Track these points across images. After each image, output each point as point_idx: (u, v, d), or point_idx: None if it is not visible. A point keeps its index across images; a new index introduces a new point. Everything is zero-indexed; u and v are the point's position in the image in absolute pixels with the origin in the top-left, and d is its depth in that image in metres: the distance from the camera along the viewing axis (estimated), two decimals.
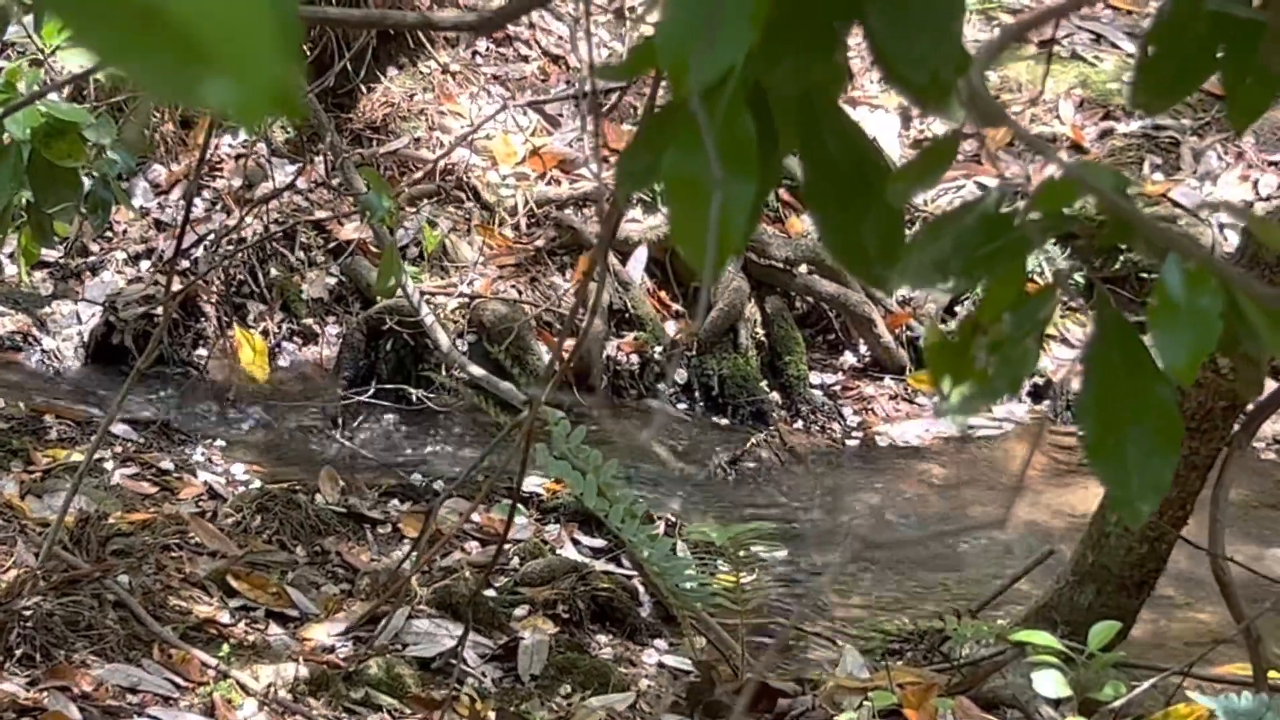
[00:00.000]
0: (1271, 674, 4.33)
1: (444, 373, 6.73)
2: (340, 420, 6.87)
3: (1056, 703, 3.99)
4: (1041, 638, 3.97)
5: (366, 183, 4.91)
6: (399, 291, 6.19)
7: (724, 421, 7.39)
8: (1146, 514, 1.70)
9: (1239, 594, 4.08)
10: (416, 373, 6.88)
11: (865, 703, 3.95)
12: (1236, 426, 4.21)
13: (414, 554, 4.96)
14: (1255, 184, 7.71)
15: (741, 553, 5.05)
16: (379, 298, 6.92)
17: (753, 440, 7.10)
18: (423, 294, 6.98)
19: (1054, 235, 1.73)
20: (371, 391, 6.65)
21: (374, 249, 7.13)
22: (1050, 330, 7.68)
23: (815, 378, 7.58)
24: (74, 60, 3.86)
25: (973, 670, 4.25)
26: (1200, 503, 4.38)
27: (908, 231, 1.85)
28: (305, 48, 6.61)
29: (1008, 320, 1.72)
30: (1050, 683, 3.84)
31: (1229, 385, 3.95)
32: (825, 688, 4.22)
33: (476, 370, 6.10)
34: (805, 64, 1.76)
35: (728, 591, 4.57)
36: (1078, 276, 7.65)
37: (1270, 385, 4.96)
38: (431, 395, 6.61)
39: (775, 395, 7.47)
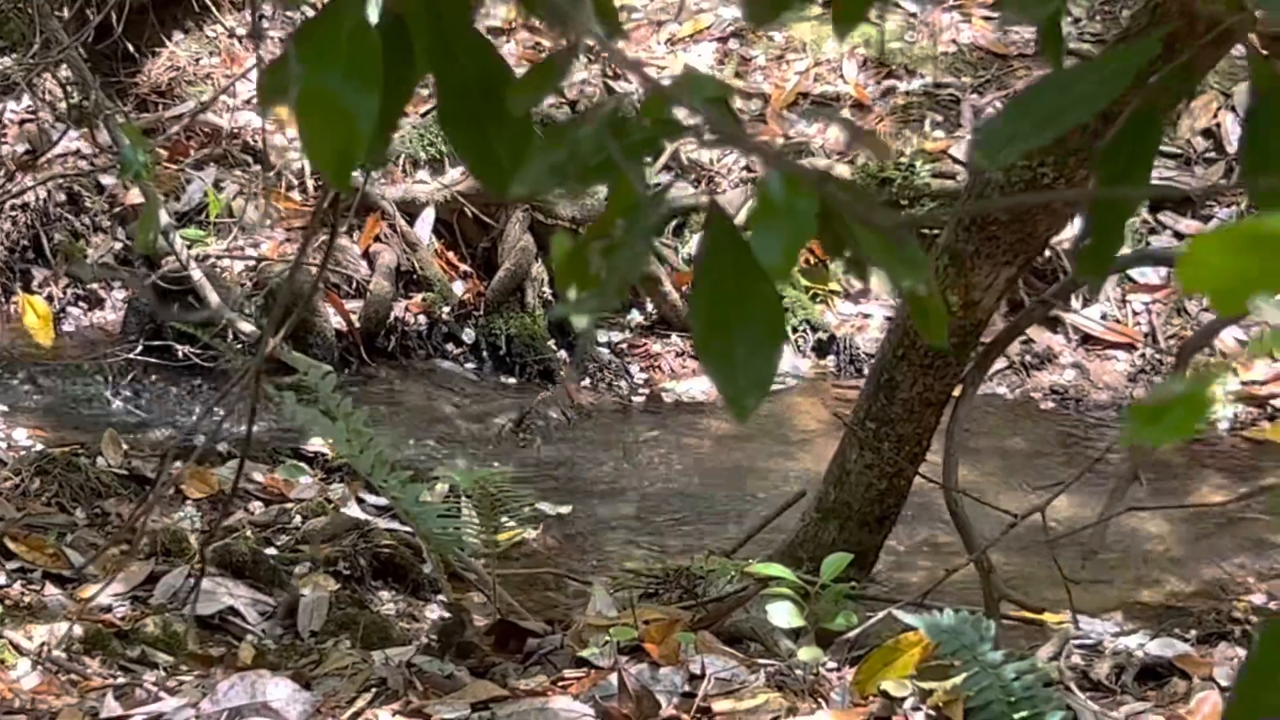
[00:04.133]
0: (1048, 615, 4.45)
1: (230, 334, 6.73)
2: (121, 383, 6.85)
3: (796, 634, 4.08)
4: (776, 571, 4.06)
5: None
6: (169, 251, 6.18)
7: (512, 381, 7.44)
8: (752, 407, 1.76)
9: (972, 527, 4.20)
10: (202, 335, 6.86)
11: (608, 639, 4.01)
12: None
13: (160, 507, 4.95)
14: None
15: (524, 508, 5.12)
16: (163, 262, 6.91)
17: (540, 398, 7.16)
18: (208, 257, 6.97)
19: (661, 144, 1.78)
20: (139, 350, 6.63)
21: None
22: (834, 285, 7.79)
23: (602, 336, 7.64)
24: None
25: (718, 606, 4.33)
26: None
27: None
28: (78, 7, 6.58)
29: (619, 226, 1.78)
30: (784, 614, 3.93)
31: (959, 323, 4.05)
32: (574, 627, 4.28)
33: (246, 327, 6.11)
34: None
35: (480, 536, 4.62)
36: None
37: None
38: (197, 352, 6.61)
39: (563, 354, 7.53)
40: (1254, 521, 6.20)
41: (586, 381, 7.48)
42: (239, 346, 6.48)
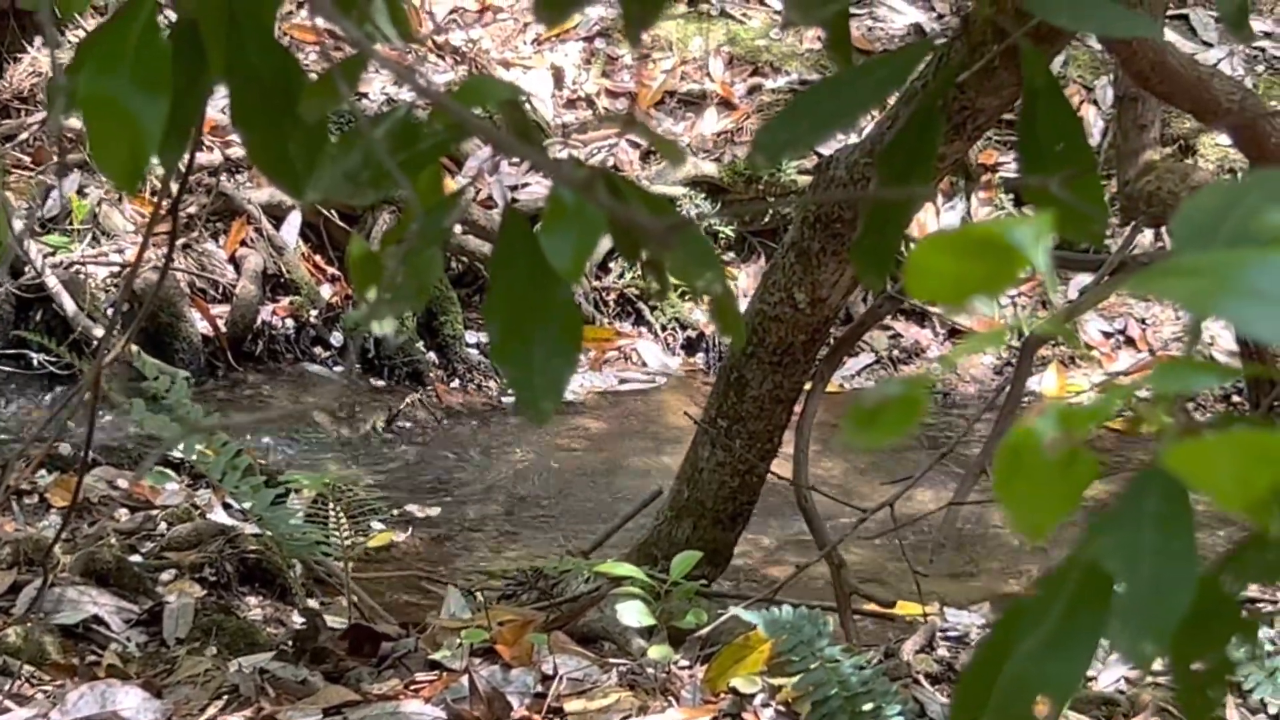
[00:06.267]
0: (911, 608, 4.48)
1: (92, 342, 6.68)
2: None
3: (650, 633, 4.10)
4: (627, 570, 4.07)
5: None
6: (22, 259, 6.14)
7: (381, 383, 7.43)
8: (549, 412, 1.76)
9: (824, 523, 4.21)
10: (52, 344, 6.80)
11: (460, 641, 4.02)
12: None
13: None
14: None
15: (389, 511, 5.10)
16: (26, 269, 6.85)
17: (408, 400, 7.15)
18: (72, 263, 6.92)
19: (453, 146, 1.79)
20: None
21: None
22: None
23: (471, 336, 7.63)
24: None
25: (571, 606, 4.34)
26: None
27: None
28: None
29: (413, 229, 1.78)
30: (633, 613, 3.94)
31: (807, 319, 4.07)
32: (428, 629, 4.28)
33: (99, 333, 6.07)
34: None
35: (330, 540, 4.61)
36: (727, 229, 7.80)
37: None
38: (53, 360, 6.56)
39: (432, 355, 7.52)
40: None
41: (456, 383, 7.47)
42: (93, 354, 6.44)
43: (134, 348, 5.15)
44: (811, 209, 3.94)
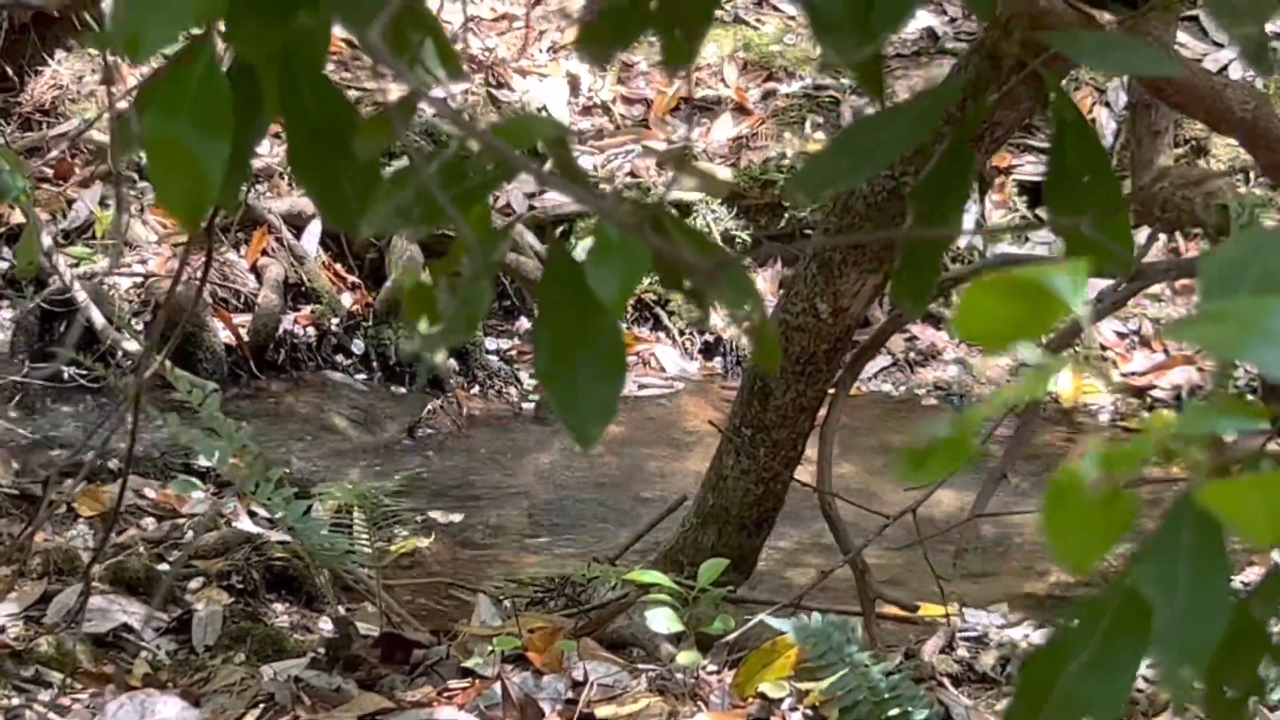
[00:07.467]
0: (933, 609, 4.54)
1: (119, 353, 6.74)
2: (10, 404, 6.85)
3: (677, 639, 4.16)
4: (655, 577, 4.13)
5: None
6: (49, 271, 6.21)
7: (401, 390, 7.49)
8: (596, 436, 1.82)
9: (847, 529, 4.28)
10: (92, 353, 6.86)
11: (492, 649, 4.08)
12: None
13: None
14: None
15: (414, 518, 5.15)
16: (51, 281, 6.91)
17: (429, 407, 7.20)
18: (95, 275, 6.98)
19: (501, 183, 1.86)
20: (26, 370, 6.64)
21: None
22: None
23: (491, 343, 7.69)
24: None
25: (600, 613, 4.40)
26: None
27: None
28: None
29: (465, 262, 1.85)
30: (662, 619, 4.00)
31: (829, 329, 4.14)
32: (459, 637, 4.34)
33: (131, 346, 6.14)
34: (266, 28, 1.87)
35: (363, 549, 4.67)
36: (744, 235, 7.86)
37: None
38: (81, 373, 6.62)
39: (452, 362, 7.57)
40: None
41: (476, 389, 7.53)
42: (125, 365, 6.50)
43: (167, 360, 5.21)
44: (833, 220, 4.01)
